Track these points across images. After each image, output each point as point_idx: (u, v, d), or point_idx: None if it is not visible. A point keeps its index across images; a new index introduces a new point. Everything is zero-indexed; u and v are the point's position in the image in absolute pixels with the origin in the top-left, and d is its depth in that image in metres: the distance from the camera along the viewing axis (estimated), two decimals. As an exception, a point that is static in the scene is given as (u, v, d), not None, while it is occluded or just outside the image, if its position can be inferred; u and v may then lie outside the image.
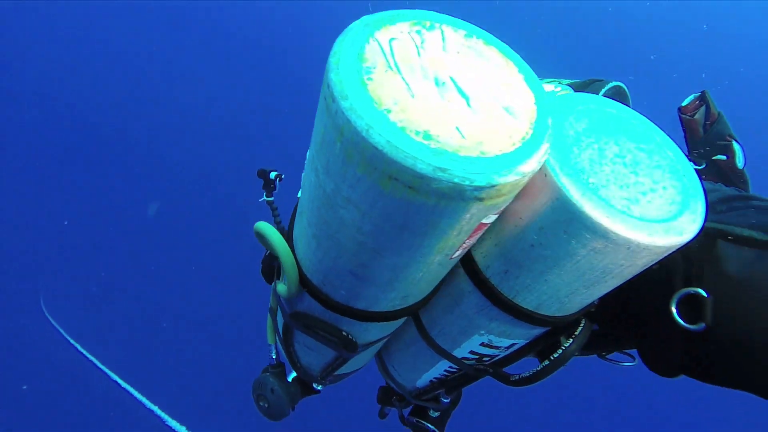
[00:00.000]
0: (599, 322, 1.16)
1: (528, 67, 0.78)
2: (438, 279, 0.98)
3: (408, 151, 0.60)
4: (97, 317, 8.30)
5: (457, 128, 0.65)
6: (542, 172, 0.79)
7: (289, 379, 1.54)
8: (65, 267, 8.95)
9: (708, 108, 1.56)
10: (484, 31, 0.79)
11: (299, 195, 0.98)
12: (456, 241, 0.76)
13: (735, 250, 1.00)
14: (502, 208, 0.74)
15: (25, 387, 7.83)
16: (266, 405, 1.48)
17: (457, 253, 0.82)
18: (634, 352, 1.33)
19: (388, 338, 1.31)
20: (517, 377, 1.18)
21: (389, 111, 0.63)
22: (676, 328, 1.00)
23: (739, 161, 1.49)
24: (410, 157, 0.60)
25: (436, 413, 1.69)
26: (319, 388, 1.52)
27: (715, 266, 1.00)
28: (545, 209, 0.80)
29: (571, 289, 0.91)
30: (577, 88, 1.38)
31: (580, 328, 1.08)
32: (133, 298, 8.98)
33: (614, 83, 1.39)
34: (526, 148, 0.66)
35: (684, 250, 0.98)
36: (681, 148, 1.67)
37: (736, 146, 1.50)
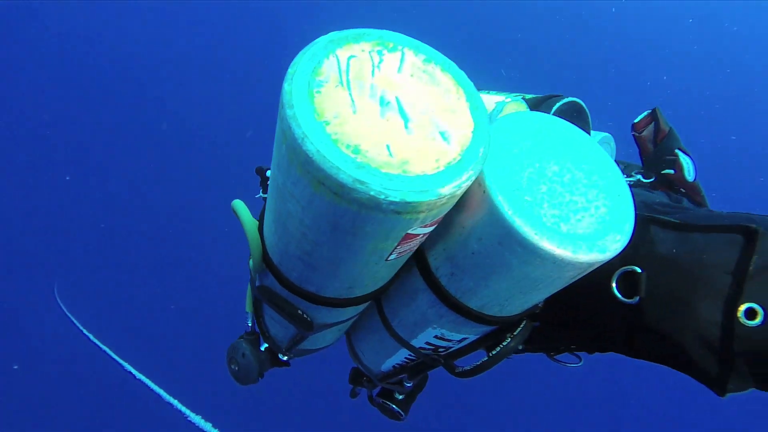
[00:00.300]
0: (543, 317, 1.27)
1: (478, 96, 0.84)
2: (382, 277, 1.06)
3: (333, 162, 0.68)
4: (109, 306, 8.51)
5: (387, 146, 0.72)
6: (481, 188, 0.86)
7: (262, 349, 1.64)
8: (79, 257, 9.20)
9: (657, 124, 1.62)
10: (446, 58, 0.86)
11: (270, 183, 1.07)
12: (386, 246, 0.83)
13: (664, 233, 1.15)
14: (428, 222, 0.81)
15: (16, 367, 8.08)
16: (236, 368, 1.59)
17: (393, 257, 0.89)
18: (581, 353, 1.43)
19: (348, 323, 1.40)
20: (460, 369, 1.28)
21: (328, 123, 0.71)
22: (613, 302, 1.14)
23: (688, 174, 1.55)
24: (334, 167, 0.68)
25: (401, 395, 1.79)
26: (285, 359, 1.61)
27: (648, 247, 1.14)
28: (483, 222, 0.87)
29: (509, 294, 0.99)
30: (534, 102, 1.43)
31: (519, 328, 1.17)
32: (143, 285, 9.20)
33: (570, 99, 1.45)
34: (449, 173, 0.73)
35: None
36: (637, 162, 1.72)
37: (683, 160, 1.56)
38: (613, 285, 1.14)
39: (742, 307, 1.02)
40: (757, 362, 1.02)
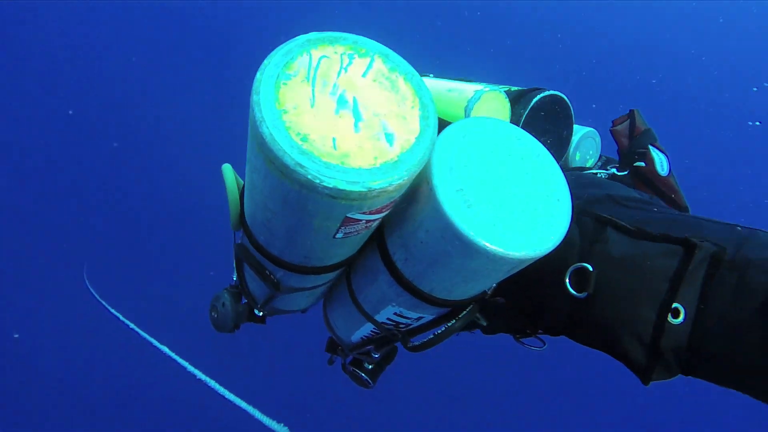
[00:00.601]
0: (505, 296, 1.41)
1: (432, 108, 0.94)
2: (336, 253, 1.18)
3: (281, 145, 0.80)
4: (138, 290, 8.69)
5: (333, 139, 0.83)
6: (429, 186, 0.96)
7: (243, 302, 1.79)
8: (107, 243, 9.43)
9: (633, 122, 1.72)
10: (412, 70, 0.96)
11: None
12: (329, 225, 0.95)
13: (619, 237, 1.26)
14: (367, 210, 0.92)
15: (16, 336, 8.32)
16: (215, 315, 1.74)
17: (340, 236, 1.01)
18: (545, 337, 1.55)
19: (315, 291, 1.53)
20: (411, 344, 1.42)
21: (285, 112, 0.83)
22: (566, 294, 1.26)
23: (660, 168, 1.63)
24: (281, 150, 0.80)
25: (370, 365, 1.92)
26: (260, 315, 1.75)
27: (602, 246, 1.26)
28: (429, 216, 0.98)
29: (453, 281, 1.10)
30: (516, 94, 1.50)
31: (464, 312, 1.30)
32: (171, 268, 9.38)
33: (551, 92, 1.51)
34: (382, 170, 0.84)
35: (581, 232, 1.24)
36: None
37: (654, 154, 1.64)
38: (566, 279, 1.25)
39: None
40: (681, 354, 1.16)
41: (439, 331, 1.33)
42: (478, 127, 1.05)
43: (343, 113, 0.86)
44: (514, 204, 0.98)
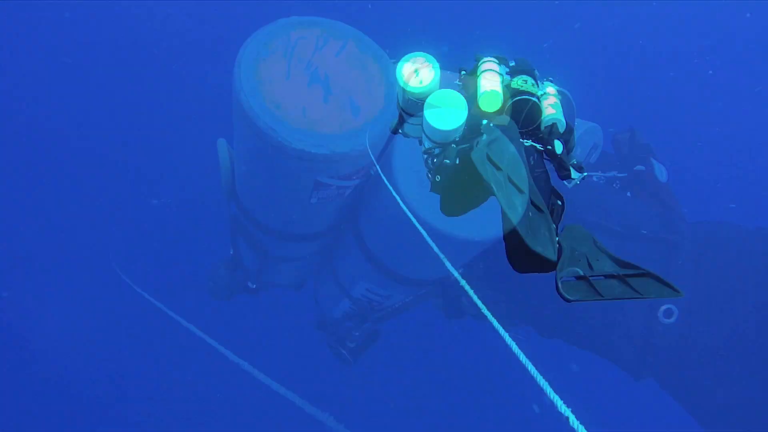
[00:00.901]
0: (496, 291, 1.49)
1: (397, 86, 1.05)
2: (314, 221, 1.29)
3: (257, 111, 0.92)
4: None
5: (304, 108, 0.95)
6: (390, 164, 1.08)
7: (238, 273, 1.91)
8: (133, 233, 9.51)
9: (633, 136, 1.83)
10: (383, 53, 1.08)
11: None
12: (302, 187, 1.07)
13: (607, 239, 1.29)
14: (335, 175, 1.04)
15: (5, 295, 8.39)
16: (212, 284, 1.87)
17: (314, 201, 1.13)
18: (526, 333, 1.64)
19: (301, 265, 1.65)
20: (372, 317, 1.53)
21: (262, 83, 0.95)
22: (560, 299, 1.31)
23: (660, 174, 1.72)
24: (256, 116, 0.92)
25: (352, 344, 2.03)
26: (253, 286, 1.87)
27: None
28: (390, 194, 1.09)
29: (411, 257, 1.21)
30: (516, 91, 1.59)
31: (423, 291, 1.40)
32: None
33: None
34: (345, 137, 0.96)
35: (572, 236, 1.34)
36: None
37: (654, 162, 1.74)
38: (559, 284, 1.31)
39: (662, 309, 1.24)
40: (678, 350, 1.25)
41: (396, 306, 1.45)
42: (449, 117, 1.15)
43: (315, 87, 0.98)
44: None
